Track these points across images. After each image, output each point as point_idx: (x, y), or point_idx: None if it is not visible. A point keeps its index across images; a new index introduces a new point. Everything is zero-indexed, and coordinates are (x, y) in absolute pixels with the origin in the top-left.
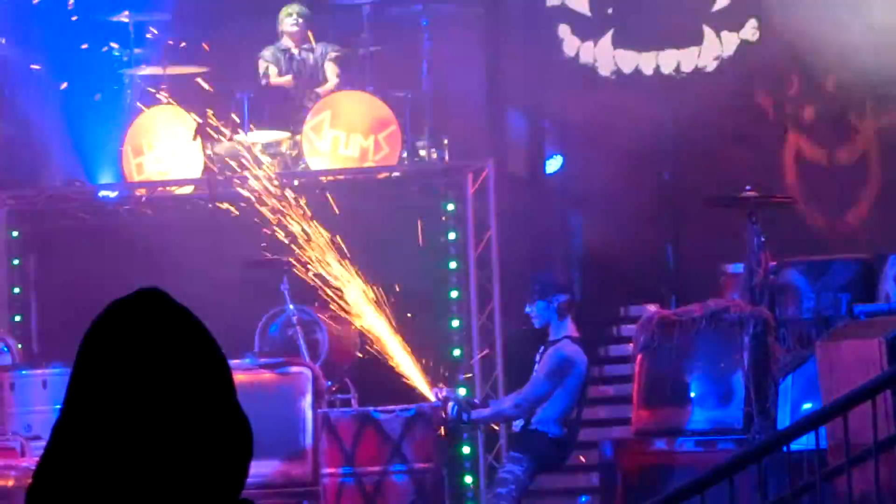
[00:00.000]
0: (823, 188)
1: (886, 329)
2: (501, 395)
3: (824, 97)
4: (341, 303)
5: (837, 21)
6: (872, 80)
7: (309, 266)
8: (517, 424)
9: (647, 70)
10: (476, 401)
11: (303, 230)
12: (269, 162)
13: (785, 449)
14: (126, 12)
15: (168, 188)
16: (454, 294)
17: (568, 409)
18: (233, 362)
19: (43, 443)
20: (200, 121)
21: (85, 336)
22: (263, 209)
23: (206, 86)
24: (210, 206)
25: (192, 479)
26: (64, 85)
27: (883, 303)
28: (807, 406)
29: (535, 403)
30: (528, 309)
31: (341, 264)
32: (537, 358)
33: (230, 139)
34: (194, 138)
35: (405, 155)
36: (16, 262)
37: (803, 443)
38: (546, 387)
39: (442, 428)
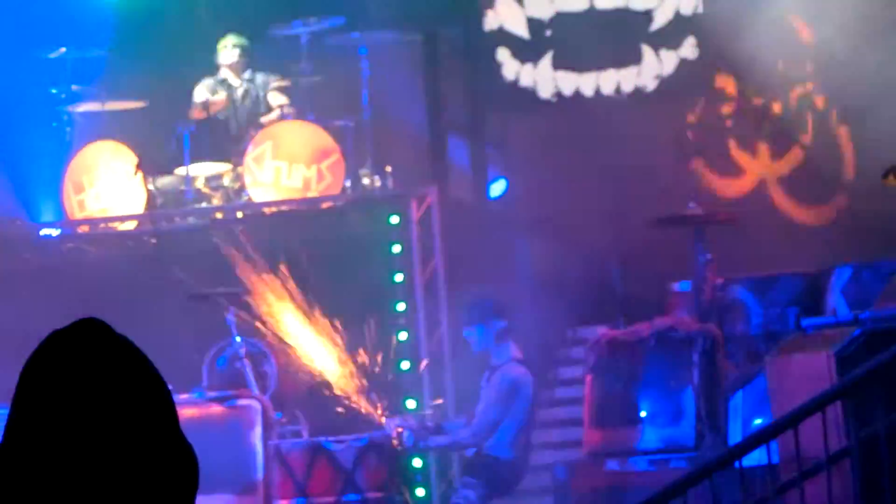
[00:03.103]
0: (768, 202)
1: (834, 342)
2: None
3: (765, 111)
4: (288, 334)
5: (775, 36)
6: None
7: (255, 299)
8: (469, 449)
9: (588, 91)
10: (430, 424)
11: (248, 262)
12: (212, 195)
13: (737, 465)
14: (63, 49)
15: (110, 224)
16: (402, 321)
17: (519, 432)
18: (181, 396)
19: None
20: (140, 156)
21: (24, 367)
22: (207, 242)
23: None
24: (153, 241)
25: None
26: None
27: (830, 316)
28: (758, 421)
29: (489, 430)
30: (466, 332)
31: (289, 298)
32: (483, 383)
33: (172, 173)
34: (135, 173)
35: (348, 184)
36: None
37: (755, 458)
38: (497, 412)
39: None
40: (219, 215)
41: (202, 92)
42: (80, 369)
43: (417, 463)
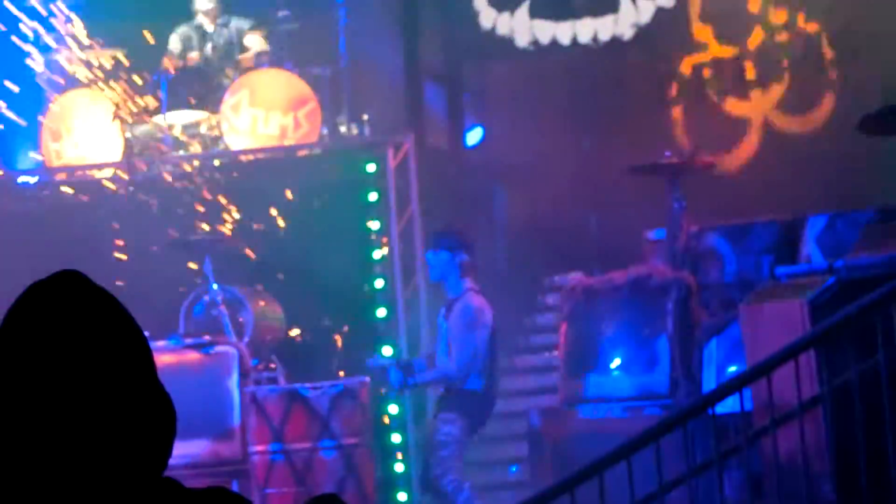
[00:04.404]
0: (744, 149)
1: (808, 290)
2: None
3: (741, 58)
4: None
5: None
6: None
7: (232, 245)
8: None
9: (565, 40)
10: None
11: (224, 209)
12: (189, 142)
13: (710, 412)
14: None
15: (88, 172)
16: (378, 269)
17: (484, 360)
18: (158, 343)
19: None
20: (118, 103)
21: (4, 318)
22: (184, 190)
23: (125, 62)
24: (130, 188)
25: (112, 457)
26: None
27: (804, 264)
28: (731, 369)
29: (471, 361)
30: (429, 256)
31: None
32: (440, 320)
33: (149, 121)
34: (112, 121)
35: (325, 132)
36: None
37: (729, 405)
38: (471, 340)
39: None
40: (196, 163)
41: (176, 42)
42: (60, 320)
43: (394, 409)
